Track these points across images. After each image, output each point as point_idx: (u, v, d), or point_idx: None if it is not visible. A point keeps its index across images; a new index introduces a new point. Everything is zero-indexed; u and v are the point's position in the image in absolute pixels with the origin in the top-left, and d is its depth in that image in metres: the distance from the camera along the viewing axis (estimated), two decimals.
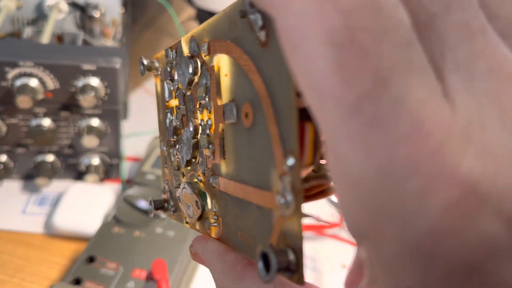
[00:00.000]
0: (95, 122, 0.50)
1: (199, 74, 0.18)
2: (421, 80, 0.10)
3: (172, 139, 0.21)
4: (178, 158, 0.21)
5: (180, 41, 0.19)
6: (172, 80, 0.21)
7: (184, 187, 0.20)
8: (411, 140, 0.09)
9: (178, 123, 0.21)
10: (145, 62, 0.22)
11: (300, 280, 0.12)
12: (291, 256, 0.13)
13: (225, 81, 0.16)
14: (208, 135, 0.18)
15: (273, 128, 0.13)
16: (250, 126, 0.15)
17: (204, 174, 0.19)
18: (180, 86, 0.20)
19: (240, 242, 0.16)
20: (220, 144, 0.17)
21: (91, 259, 0.42)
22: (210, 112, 0.17)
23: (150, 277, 0.41)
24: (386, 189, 0.10)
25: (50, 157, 0.51)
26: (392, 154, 0.10)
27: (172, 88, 0.21)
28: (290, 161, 0.13)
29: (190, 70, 0.18)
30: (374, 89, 0.10)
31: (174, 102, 0.21)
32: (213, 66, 0.17)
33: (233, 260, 0.16)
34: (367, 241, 0.11)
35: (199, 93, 0.18)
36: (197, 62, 0.18)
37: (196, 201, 0.19)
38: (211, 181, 0.18)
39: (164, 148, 0.23)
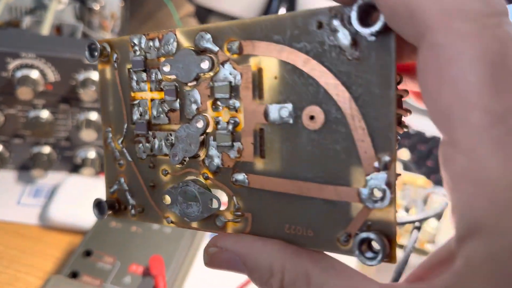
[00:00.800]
0: (93, 116, 0.50)
1: (216, 71, 0.18)
2: None
3: (144, 134, 0.21)
4: (158, 155, 0.20)
5: (173, 32, 0.19)
6: (146, 70, 0.20)
7: (186, 185, 0.20)
8: None
9: (158, 117, 0.20)
10: (99, 47, 0.21)
11: (394, 258, 0.15)
12: (386, 240, 0.15)
13: (273, 83, 0.17)
14: (232, 133, 0.18)
15: (360, 132, 0.15)
16: (318, 128, 0.16)
17: (215, 172, 0.19)
18: (166, 78, 0.20)
19: (291, 235, 0.17)
20: (256, 143, 0.18)
21: (88, 253, 0.42)
22: (237, 111, 0.18)
23: (147, 273, 0.41)
24: None
25: (47, 149, 0.51)
26: None
27: (145, 79, 0.20)
28: (386, 160, 0.15)
29: (205, 66, 0.18)
30: None
31: (147, 95, 0.21)
32: (248, 66, 0.17)
33: (281, 243, 0.17)
34: (482, 235, 0.12)
35: (220, 91, 0.18)
36: (212, 59, 0.18)
37: (213, 199, 0.19)
38: (236, 178, 0.18)
39: (120, 143, 0.22)
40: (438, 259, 0.15)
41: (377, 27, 0.15)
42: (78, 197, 0.50)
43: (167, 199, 0.20)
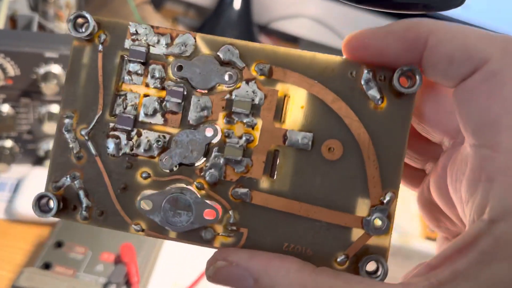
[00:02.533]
0: (55, 108, 0.50)
1: (237, 86, 0.19)
2: None
3: (126, 130, 0.19)
4: (140, 155, 0.19)
5: (192, 35, 0.19)
6: (145, 63, 0.19)
7: (181, 193, 0.19)
8: None
9: (151, 116, 0.19)
10: (93, 22, 0.19)
11: (385, 277, 0.18)
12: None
13: (298, 111, 0.19)
14: (244, 148, 0.19)
15: (372, 170, 0.18)
16: (334, 160, 0.19)
17: (214, 183, 0.19)
18: (172, 78, 0.19)
19: (288, 252, 0.19)
20: (268, 162, 0.19)
21: (59, 244, 0.43)
22: (253, 128, 0.19)
23: (118, 260, 0.43)
24: None
25: (9, 143, 0.51)
26: None
27: (141, 72, 0.19)
28: (390, 196, 0.18)
29: (229, 79, 0.19)
30: None
31: (141, 89, 0.19)
32: (275, 90, 0.19)
33: (298, 260, 0.18)
34: None
35: (240, 106, 0.19)
36: (237, 74, 0.19)
37: (217, 209, 0.19)
38: (238, 192, 0.19)
39: (84, 134, 0.19)
40: (457, 248, 0.16)
41: (414, 89, 0.18)
42: (43, 189, 0.50)
43: (148, 204, 0.19)
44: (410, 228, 0.43)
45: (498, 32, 0.17)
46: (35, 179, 0.51)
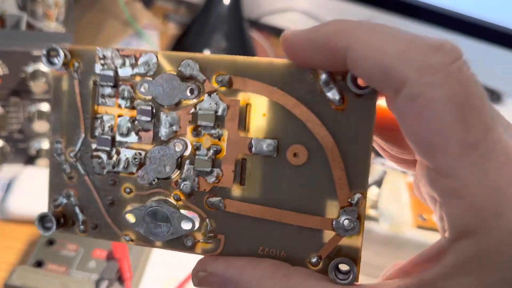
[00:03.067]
0: (45, 106, 0.50)
1: (200, 99, 0.19)
2: (503, 130, 0.16)
3: (106, 150, 0.21)
4: (121, 172, 0.21)
5: (154, 54, 0.20)
6: (115, 85, 0.20)
7: (158, 206, 0.20)
8: (509, 166, 0.15)
9: (126, 135, 0.20)
10: (62, 54, 0.20)
11: (358, 278, 0.18)
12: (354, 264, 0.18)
13: (260, 119, 0.19)
14: (212, 159, 0.19)
15: (338, 172, 0.18)
16: (300, 164, 0.19)
17: (189, 194, 0.20)
18: (141, 97, 0.20)
19: (264, 256, 0.19)
20: (237, 170, 0.19)
21: (50, 242, 0.43)
22: (219, 139, 0.19)
23: (110, 257, 0.43)
24: (495, 196, 0.15)
25: None
26: (499, 174, 0.15)
27: (113, 95, 0.21)
28: (358, 197, 0.18)
29: (190, 94, 0.19)
30: (485, 134, 0.15)
31: (114, 110, 0.21)
32: (236, 100, 0.19)
33: (271, 264, 0.18)
34: (471, 236, 0.15)
35: (204, 118, 0.19)
36: (199, 88, 0.19)
37: (187, 221, 0.20)
38: (212, 202, 0.20)
39: (72, 156, 0.21)
40: (426, 257, 0.17)
41: (367, 90, 0.18)
42: (35, 188, 0.50)
43: (132, 217, 0.20)
44: (401, 217, 0.43)
45: (490, 22, 0.17)
46: (27, 178, 0.51)
